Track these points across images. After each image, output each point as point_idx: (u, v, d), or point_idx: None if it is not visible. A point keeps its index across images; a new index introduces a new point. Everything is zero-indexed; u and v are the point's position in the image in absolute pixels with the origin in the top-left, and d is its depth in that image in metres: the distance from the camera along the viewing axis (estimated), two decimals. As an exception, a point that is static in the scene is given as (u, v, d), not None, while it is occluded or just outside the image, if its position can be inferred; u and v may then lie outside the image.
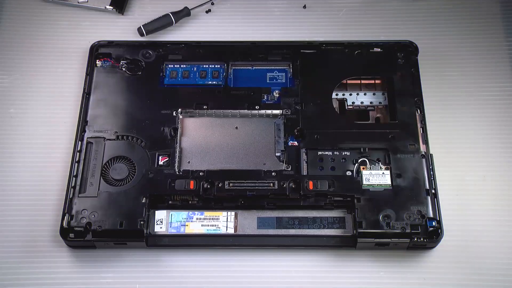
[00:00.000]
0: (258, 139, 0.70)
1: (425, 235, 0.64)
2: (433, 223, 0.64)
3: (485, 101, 0.75)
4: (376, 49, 0.75)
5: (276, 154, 0.69)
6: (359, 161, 0.68)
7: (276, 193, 0.66)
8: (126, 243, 0.65)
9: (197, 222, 0.66)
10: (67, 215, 0.65)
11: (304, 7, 0.82)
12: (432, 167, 0.68)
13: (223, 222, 0.66)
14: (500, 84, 0.76)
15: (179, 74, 0.74)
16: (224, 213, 0.66)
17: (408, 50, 0.75)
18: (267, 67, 0.75)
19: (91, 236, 0.64)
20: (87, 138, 0.69)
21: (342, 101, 0.74)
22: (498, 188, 0.70)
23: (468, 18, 0.81)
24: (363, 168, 0.67)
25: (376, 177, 0.67)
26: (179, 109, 0.71)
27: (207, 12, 0.83)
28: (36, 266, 0.66)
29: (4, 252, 0.67)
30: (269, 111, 0.71)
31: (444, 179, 0.69)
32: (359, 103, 0.74)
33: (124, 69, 0.74)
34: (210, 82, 0.74)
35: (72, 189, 0.66)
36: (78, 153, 0.69)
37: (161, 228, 0.66)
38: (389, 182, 0.66)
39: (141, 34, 0.79)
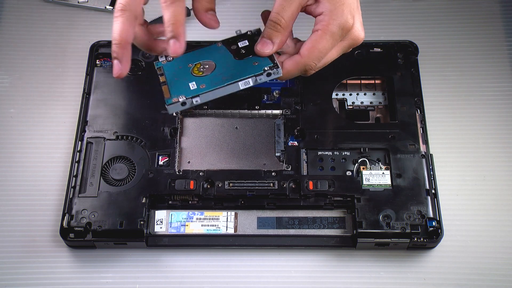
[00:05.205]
0: (258, 139, 0.70)
1: (425, 235, 0.64)
2: (433, 223, 0.64)
3: (485, 101, 0.75)
4: (376, 49, 0.75)
5: (276, 154, 0.69)
6: (359, 161, 0.68)
7: (276, 193, 0.66)
8: (126, 243, 0.65)
9: (197, 222, 0.66)
10: (67, 215, 0.65)
11: None
12: (432, 167, 0.68)
13: (223, 222, 0.66)
14: (500, 84, 0.76)
15: (179, 74, 0.74)
16: (224, 213, 0.66)
17: (408, 50, 0.75)
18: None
19: (91, 236, 0.64)
20: (87, 138, 0.69)
21: (342, 101, 0.74)
22: (498, 188, 0.70)
23: (468, 18, 0.81)
24: (363, 168, 0.67)
25: (376, 177, 0.67)
26: (179, 109, 0.71)
27: (207, 12, 0.83)
28: (36, 266, 0.66)
29: (4, 252, 0.67)
30: (269, 111, 0.71)
31: (444, 179, 0.69)
32: (359, 103, 0.74)
33: (124, 69, 0.74)
34: (210, 82, 0.74)
35: (72, 189, 0.66)
36: (78, 153, 0.68)
37: (161, 228, 0.66)
38: (389, 182, 0.66)
39: (141, 34, 0.79)
